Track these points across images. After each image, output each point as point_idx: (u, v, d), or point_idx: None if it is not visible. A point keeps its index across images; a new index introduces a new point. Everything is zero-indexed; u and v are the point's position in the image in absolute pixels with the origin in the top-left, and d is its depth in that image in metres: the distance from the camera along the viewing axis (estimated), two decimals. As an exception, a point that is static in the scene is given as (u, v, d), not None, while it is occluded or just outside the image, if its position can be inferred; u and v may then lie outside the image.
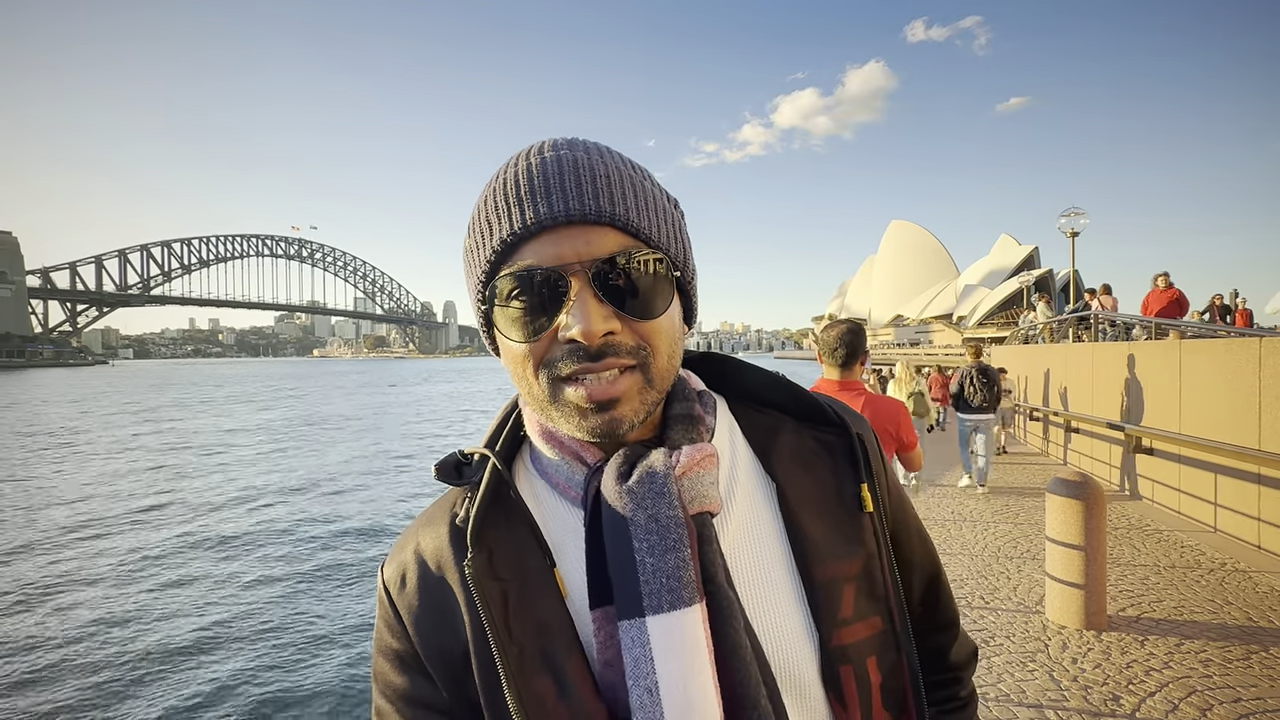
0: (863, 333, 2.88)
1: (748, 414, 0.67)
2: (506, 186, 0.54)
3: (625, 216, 0.53)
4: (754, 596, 0.56)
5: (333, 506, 13.41)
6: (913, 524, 0.71)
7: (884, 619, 0.59)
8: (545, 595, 0.55)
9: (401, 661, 0.58)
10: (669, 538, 0.52)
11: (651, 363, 0.55)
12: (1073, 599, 4.01)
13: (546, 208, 0.52)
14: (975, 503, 7.40)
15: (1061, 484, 4.14)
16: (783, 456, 0.63)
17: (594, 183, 0.53)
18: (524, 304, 0.53)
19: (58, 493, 14.93)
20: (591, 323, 0.51)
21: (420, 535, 0.61)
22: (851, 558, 0.59)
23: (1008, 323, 74.24)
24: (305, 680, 6.10)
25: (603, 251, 0.53)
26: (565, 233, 0.52)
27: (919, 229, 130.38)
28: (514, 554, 0.56)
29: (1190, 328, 8.53)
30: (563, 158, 0.54)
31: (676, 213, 0.60)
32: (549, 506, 0.60)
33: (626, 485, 0.54)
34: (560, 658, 0.52)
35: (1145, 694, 3.23)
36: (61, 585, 8.75)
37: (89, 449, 22.47)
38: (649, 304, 0.54)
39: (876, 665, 0.57)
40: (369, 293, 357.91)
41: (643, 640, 0.50)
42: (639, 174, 0.57)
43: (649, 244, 0.55)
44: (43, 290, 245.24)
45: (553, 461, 0.61)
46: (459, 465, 0.61)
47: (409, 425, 30.20)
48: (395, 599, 0.59)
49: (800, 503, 0.60)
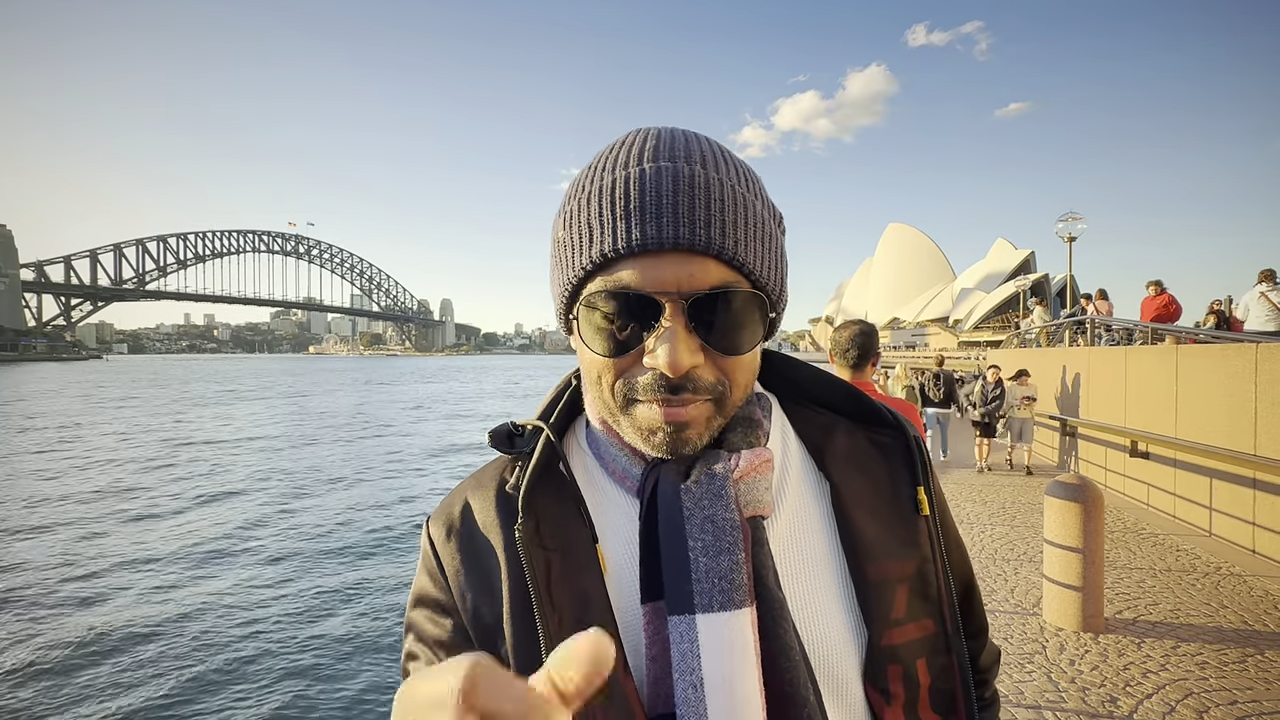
0: (875, 334, 2.88)
1: (801, 413, 0.68)
2: (614, 193, 0.52)
3: (733, 250, 0.52)
4: (799, 594, 0.56)
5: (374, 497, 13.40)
6: (953, 531, 0.71)
7: (936, 622, 0.59)
8: (587, 569, 0.56)
9: (440, 609, 0.59)
10: (724, 539, 0.53)
11: (728, 397, 0.55)
12: (1070, 601, 4.04)
13: (655, 231, 0.50)
14: (973, 506, 7.43)
15: (1060, 487, 4.17)
16: (837, 456, 0.64)
17: (707, 207, 0.51)
18: (613, 320, 0.53)
19: (67, 484, 14.87)
20: (679, 356, 0.51)
21: (470, 494, 0.63)
22: (906, 559, 0.59)
23: (1003, 326, 74.71)
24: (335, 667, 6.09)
25: (704, 285, 0.52)
26: (668, 258, 0.51)
27: (916, 232, 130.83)
28: (560, 525, 0.57)
29: (1186, 333, 8.59)
30: (675, 171, 0.52)
31: (780, 234, 0.59)
32: (599, 485, 0.62)
33: (685, 485, 0.54)
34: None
35: (1142, 696, 3.25)
36: (103, 571, 8.72)
37: (92, 446, 22.36)
38: (738, 340, 0.54)
39: (926, 667, 0.58)
40: (366, 290, 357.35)
41: (691, 637, 0.51)
42: (751, 191, 0.55)
43: (750, 279, 0.54)
44: (37, 284, 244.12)
45: (610, 449, 0.61)
46: (510, 435, 0.63)
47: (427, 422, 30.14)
48: (440, 551, 0.61)
49: (854, 502, 0.61)
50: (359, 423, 30.30)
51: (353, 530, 11.41)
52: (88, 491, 14.43)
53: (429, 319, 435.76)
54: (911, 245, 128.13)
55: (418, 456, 20.11)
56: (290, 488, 15.16)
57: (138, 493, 14.42)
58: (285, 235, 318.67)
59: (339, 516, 12.35)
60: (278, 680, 6.05)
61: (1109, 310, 11.13)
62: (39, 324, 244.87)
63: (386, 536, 10.99)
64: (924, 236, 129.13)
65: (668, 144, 0.54)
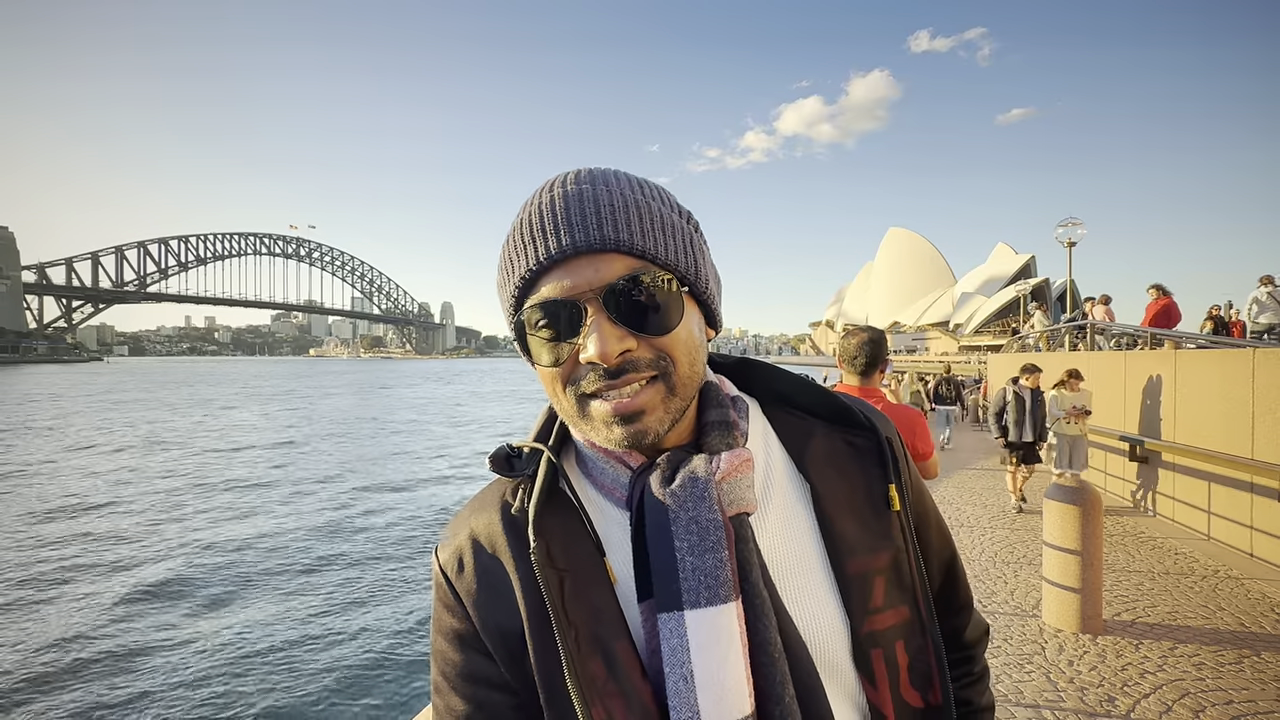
0: (883, 341, 2.89)
1: (781, 417, 0.71)
2: (530, 222, 0.58)
3: (630, 241, 0.57)
4: (791, 589, 0.61)
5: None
6: (932, 516, 0.76)
7: (911, 608, 0.64)
8: (596, 583, 0.60)
9: (461, 640, 0.63)
10: (709, 539, 0.57)
11: (673, 371, 0.59)
12: (1069, 603, 4.09)
13: (556, 242, 0.57)
14: (973, 509, 7.49)
15: (1059, 490, 4.22)
16: (816, 458, 0.67)
17: (598, 214, 0.57)
18: (548, 332, 0.58)
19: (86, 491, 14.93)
20: (606, 345, 0.56)
21: (473, 522, 0.66)
22: (881, 552, 0.64)
23: (1004, 331, 74.66)
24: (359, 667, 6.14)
25: (611, 276, 0.57)
26: (576, 263, 0.57)
27: (917, 236, 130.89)
28: (568, 544, 0.61)
29: (1184, 338, 8.64)
30: (572, 193, 0.58)
31: (688, 227, 0.63)
32: (594, 501, 0.65)
33: (670, 489, 0.58)
34: (610, 641, 0.58)
35: (1140, 695, 3.30)
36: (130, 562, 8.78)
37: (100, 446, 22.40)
38: (662, 320, 0.58)
39: (904, 648, 0.63)
40: (367, 293, 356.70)
41: (680, 632, 0.55)
42: (647, 196, 0.61)
43: (656, 263, 0.58)
44: (38, 286, 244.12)
45: (598, 463, 0.65)
46: (509, 458, 0.66)
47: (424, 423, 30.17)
48: (454, 581, 0.64)
49: (833, 503, 0.65)
50: (398, 424, 30.76)
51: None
52: (177, 486, 14.51)
53: (430, 322, 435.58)
54: (912, 249, 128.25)
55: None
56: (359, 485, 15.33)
57: (237, 484, 14.67)
58: (286, 238, 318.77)
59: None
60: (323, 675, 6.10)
61: (1110, 315, 11.19)
62: (40, 326, 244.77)
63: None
64: (925, 241, 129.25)
65: (574, 176, 0.61)
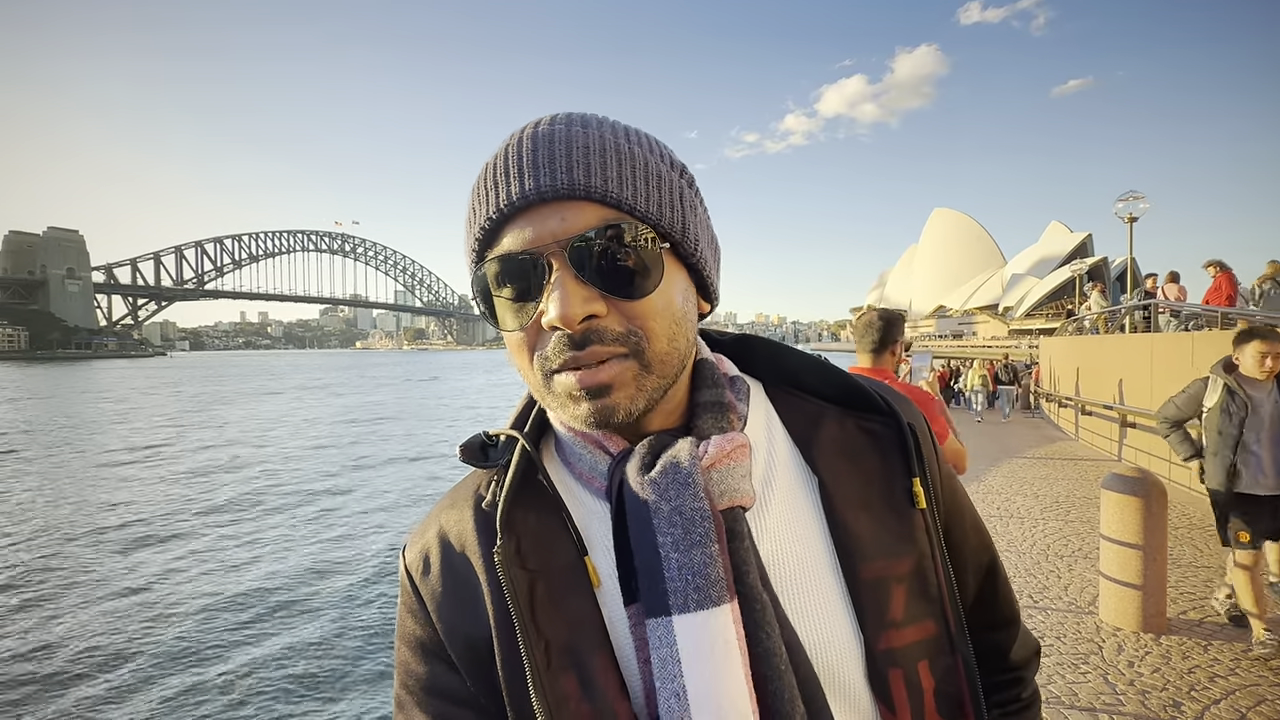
0: (898, 320, 2.80)
1: (787, 400, 0.63)
2: (496, 165, 0.51)
3: (604, 188, 0.49)
4: (795, 597, 0.53)
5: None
6: (967, 516, 0.66)
7: (937, 622, 0.55)
8: (574, 587, 0.52)
9: (424, 649, 0.56)
10: (694, 532, 0.49)
11: (646, 348, 0.50)
12: (1129, 600, 3.85)
13: (519, 186, 0.49)
14: (1024, 500, 7.18)
15: (1118, 480, 3.96)
16: (825, 448, 0.59)
17: (568, 156, 0.49)
18: (509, 290, 0.51)
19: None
20: (567, 306, 0.47)
21: (443, 518, 0.59)
22: (901, 556, 0.55)
23: (1056, 313, 71.44)
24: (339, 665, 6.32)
25: (580, 227, 0.48)
26: (541, 211, 0.49)
27: (963, 216, 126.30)
28: (543, 542, 0.54)
29: (1258, 317, 8.04)
30: (542, 133, 0.50)
31: (680, 180, 0.54)
32: (573, 492, 0.58)
33: (649, 476, 0.51)
34: (586, 654, 0.50)
35: (1209, 701, 3.08)
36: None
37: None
38: (636, 282, 0.49)
39: (929, 669, 0.54)
40: (408, 286, 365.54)
41: (669, 640, 0.48)
42: (630, 141, 0.52)
43: (634, 215, 0.50)
44: (106, 285, 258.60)
45: (574, 449, 0.57)
46: (484, 447, 0.59)
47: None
48: (418, 584, 0.57)
49: (844, 498, 0.56)
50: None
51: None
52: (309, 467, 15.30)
53: (470, 314, 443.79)
54: (958, 230, 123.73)
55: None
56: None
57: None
58: (332, 235, 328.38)
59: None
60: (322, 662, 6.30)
61: (1182, 294, 10.32)
62: (109, 323, 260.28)
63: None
64: (972, 221, 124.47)
65: (550, 118, 0.53)
